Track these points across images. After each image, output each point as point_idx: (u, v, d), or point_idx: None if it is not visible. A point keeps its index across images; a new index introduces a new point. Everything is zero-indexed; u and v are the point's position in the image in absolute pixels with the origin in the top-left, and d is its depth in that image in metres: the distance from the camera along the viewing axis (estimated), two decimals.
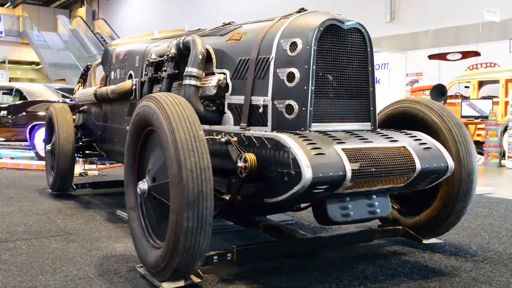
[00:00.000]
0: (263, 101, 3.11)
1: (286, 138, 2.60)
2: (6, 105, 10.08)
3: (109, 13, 31.51)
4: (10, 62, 28.63)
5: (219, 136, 2.92)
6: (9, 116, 9.64)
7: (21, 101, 9.81)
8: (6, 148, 10.52)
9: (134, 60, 4.59)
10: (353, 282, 2.83)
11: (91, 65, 9.48)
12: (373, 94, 3.18)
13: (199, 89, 3.50)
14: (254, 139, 2.77)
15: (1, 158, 9.97)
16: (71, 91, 10.04)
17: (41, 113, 9.24)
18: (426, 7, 15.16)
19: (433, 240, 3.52)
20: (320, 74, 2.97)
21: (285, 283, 2.83)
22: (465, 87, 12.17)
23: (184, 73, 3.51)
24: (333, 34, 3.01)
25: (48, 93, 9.89)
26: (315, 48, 2.93)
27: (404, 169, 2.76)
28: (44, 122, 9.20)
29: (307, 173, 2.45)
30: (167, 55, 3.79)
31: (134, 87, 4.40)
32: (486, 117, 9.66)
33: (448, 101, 11.04)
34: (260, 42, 3.22)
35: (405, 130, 3.15)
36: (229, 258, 2.84)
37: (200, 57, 3.51)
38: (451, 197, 3.23)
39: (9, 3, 33.48)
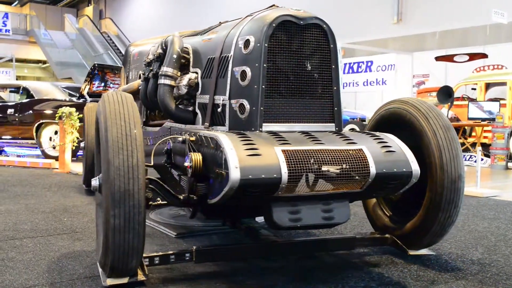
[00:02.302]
0: (222, 100, 3.10)
1: (222, 138, 2.55)
2: (13, 103, 10.11)
3: (116, 12, 31.57)
4: (17, 60, 28.73)
5: (180, 136, 2.94)
6: (16, 114, 9.67)
7: (28, 100, 9.84)
8: (12, 146, 10.55)
9: (143, 60, 4.62)
10: (360, 283, 2.82)
11: (97, 64, 9.55)
12: (337, 93, 3.04)
13: (173, 89, 3.50)
14: (204, 139, 2.76)
15: (8, 156, 10.02)
16: (77, 89, 10.08)
17: (48, 112, 9.28)
18: (433, 8, 15.12)
19: (422, 251, 3.33)
20: (274, 72, 2.89)
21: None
22: (472, 89, 12.13)
23: (160, 73, 3.53)
24: (288, 30, 2.90)
25: (55, 91, 9.93)
26: (266, 45, 2.85)
27: (355, 173, 2.63)
28: (49, 121, 9.26)
29: (235, 175, 2.39)
30: (153, 55, 3.81)
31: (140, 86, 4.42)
32: (493, 119, 9.62)
33: (455, 103, 11.00)
34: (224, 40, 3.20)
35: (375, 132, 3.03)
36: (187, 258, 2.83)
37: (175, 56, 3.52)
38: (433, 206, 2.98)
39: (16, 2, 33.65)
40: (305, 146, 2.63)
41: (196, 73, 3.44)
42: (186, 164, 2.72)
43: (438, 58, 13.34)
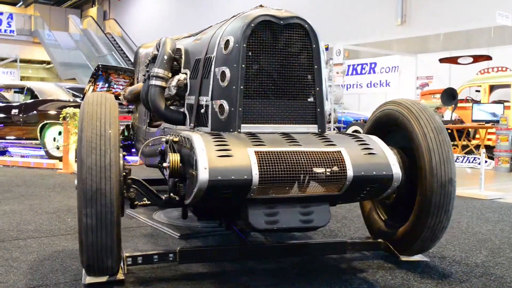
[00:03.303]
0: (205, 101, 3.10)
1: (195, 139, 2.56)
2: (18, 103, 10.14)
3: (120, 13, 31.64)
4: (22, 61, 28.83)
5: (164, 137, 2.97)
6: (20, 115, 9.70)
7: (32, 100, 9.87)
8: (17, 146, 10.58)
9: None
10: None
11: (102, 65, 9.56)
12: (320, 94, 2.99)
13: (164, 90, 3.52)
14: (184, 139, 2.76)
15: (12, 156, 10.04)
16: (81, 90, 10.09)
17: (52, 112, 9.30)
18: (438, 10, 15.12)
19: (415, 258, 3.24)
20: (253, 72, 2.87)
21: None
22: (476, 91, 12.10)
23: (151, 74, 3.55)
24: (267, 30, 2.88)
25: (59, 92, 9.94)
26: (244, 45, 2.83)
27: (331, 176, 2.59)
28: (53, 121, 9.28)
29: (203, 176, 2.39)
30: (150, 56, 3.83)
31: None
32: (497, 122, 9.60)
33: (459, 105, 10.98)
34: (209, 41, 3.20)
35: (359, 134, 2.98)
36: (171, 259, 2.83)
37: (166, 57, 3.53)
38: (423, 211, 2.90)
39: (21, 3, 33.74)
40: (280, 148, 2.61)
41: (186, 74, 3.46)
42: (164, 164, 2.75)
43: (442, 60, 13.33)
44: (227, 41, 2.91)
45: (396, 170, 2.72)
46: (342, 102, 13.61)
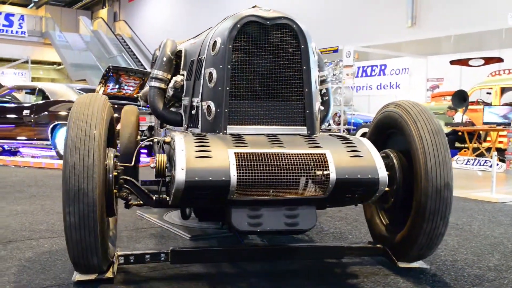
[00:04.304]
0: (196, 102, 3.12)
1: (177, 140, 2.58)
2: (29, 104, 10.22)
3: (130, 14, 31.80)
4: (33, 62, 29.08)
5: (157, 138, 3.00)
6: (32, 116, 9.77)
7: (43, 101, 9.94)
8: (28, 147, 10.65)
9: None
10: None
11: (112, 66, 9.61)
12: (309, 95, 2.97)
13: (163, 91, 3.55)
14: (172, 140, 2.77)
15: (23, 157, 10.12)
16: (92, 91, 10.16)
17: (63, 113, 9.36)
18: (448, 12, 15.05)
19: (414, 265, 3.13)
20: (239, 73, 2.87)
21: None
22: (487, 93, 12.03)
23: (150, 75, 3.60)
24: (253, 31, 2.87)
25: (70, 93, 10.01)
26: (230, 46, 2.84)
27: (313, 178, 2.56)
28: (64, 122, 9.32)
29: (179, 176, 2.42)
30: (154, 57, 3.86)
31: None
32: (509, 124, 9.53)
33: (470, 107, 10.92)
34: (202, 42, 3.21)
35: (349, 136, 2.95)
36: (163, 259, 2.84)
37: (165, 59, 3.57)
38: (418, 216, 2.79)
39: (32, 4, 33.99)
40: (261, 149, 2.59)
41: (183, 75, 3.49)
42: (152, 165, 2.76)
43: (453, 62, 13.26)
44: (215, 42, 2.94)
45: (383, 174, 2.68)
46: (352, 104, 13.58)
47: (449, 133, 10.82)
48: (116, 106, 9.38)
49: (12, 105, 10.75)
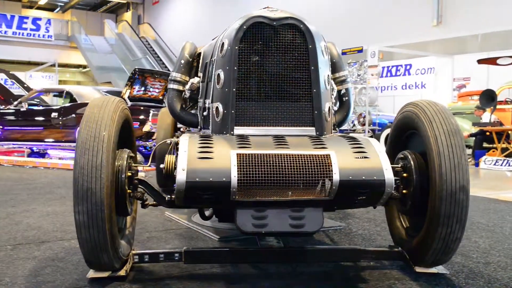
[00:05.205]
0: (208, 103, 3.14)
1: (182, 141, 2.62)
2: (57, 107, 10.39)
3: (154, 17, 32.11)
4: (60, 65, 29.57)
5: (170, 140, 3.08)
6: (60, 118, 9.94)
7: (71, 103, 10.10)
8: (55, 148, 10.84)
9: None
10: None
11: (138, 68, 9.72)
12: (318, 96, 2.94)
13: (181, 93, 3.59)
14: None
15: (51, 159, 10.29)
16: (118, 93, 10.28)
17: None
18: (475, 10, 14.82)
19: (432, 270, 2.98)
20: (245, 75, 2.88)
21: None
22: None
23: (169, 78, 3.65)
24: (260, 32, 2.87)
25: (97, 95, 10.15)
26: (236, 48, 2.85)
27: (315, 180, 2.53)
28: None
29: (180, 177, 2.46)
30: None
31: None
32: None
33: (498, 106, 10.74)
34: (214, 44, 3.23)
35: (359, 136, 2.90)
36: (176, 258, 2.86)
37: (183, 62, 3.62)
38: (433, 220, 2.70)
39: (58, 8, 34.62)
40: (264, 150, 2.58)
41: (199, 77, 3.53)
42: (161, 166, 2.78)
43: (480, 61, 13.05)
44: (223, 44, 2.97)
45: (389, 175, 2.61)
46: (376, 105, 13.48)
47: (477, 133, 10.66)
48: (142, 108, 9.49)
49: (40, 107, 10.95)
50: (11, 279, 2.82)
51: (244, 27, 2.87)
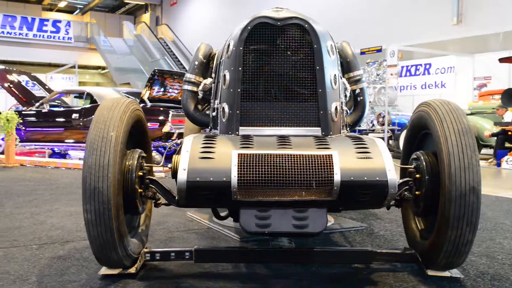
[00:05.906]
0: (217, 104, 3.17)
1: (186, 141, 2.66)
2: (78, 108, 10.51)
3: (172, 18, 32.28)
4: (79, 67, 29.91)
5: (180, 140, 3.09)
6: (81, 119, 10.05)
7: (91, 104, 10.20)
8: (76, 149, 10.96)
9: None
10: None
11: (157, 70, 9.78)
12: (323, 96, 2.92)
13: (195, 94, 3.62)
14: None
15: (72, 159, 10.41)
16: (138, 95, 10.36)
17: None
18: (496, 8, 14.62)
19: (445, 273, 2.90)
20: (250, 75, 2.89)
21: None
22: None
23: (184, 79, 3.68)
24: (265, 32, 2.87)
25: (117, 96, 10.24)
26: (240, 48, 2.86)
27: (316, 180, 2.52)
28: None
29: (181, 176, 2.50)
30: None
31: None
32: None
33: None
34: (224, 45, 3.24)
35: (362, 137, 2.88)
36: (187, 257, 2.88)
37: (197, 63, 3.65)
38: (443, 222, 2.63)
39: (78, 11, 35.01)
40: (266, 150, 2.58)
41: (212, 78, 3.56)
42: (168, 165, 2.83)
43: (502, 60, 12.88)
44: (229, 45, 2.99)
45: (392, 176, 2.58)
46: (396, 104, 13.38)
47: (499, 133, 10.52)
48: (161, 108, 9.55)
49: (62, 109, 11.08)
50: (37, 278, 2.87)
51: (249, 27, 2.89)
